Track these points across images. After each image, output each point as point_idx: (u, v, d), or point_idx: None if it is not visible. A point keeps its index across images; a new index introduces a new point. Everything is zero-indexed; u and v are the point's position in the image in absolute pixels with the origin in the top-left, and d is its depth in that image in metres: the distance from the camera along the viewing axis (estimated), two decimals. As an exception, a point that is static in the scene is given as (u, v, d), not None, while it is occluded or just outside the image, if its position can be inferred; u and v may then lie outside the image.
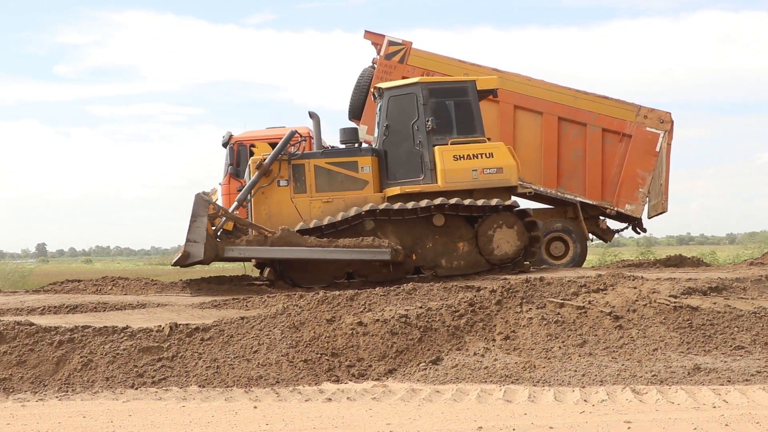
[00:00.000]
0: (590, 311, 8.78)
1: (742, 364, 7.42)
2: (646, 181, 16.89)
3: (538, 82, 17.32)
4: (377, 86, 14.82)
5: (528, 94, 17.07)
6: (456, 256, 13.83)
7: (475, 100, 14.55)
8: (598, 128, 16.92)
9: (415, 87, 14.31)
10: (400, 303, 9.65)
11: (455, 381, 7.47)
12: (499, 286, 9.58)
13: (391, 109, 14.40)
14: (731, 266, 13.82)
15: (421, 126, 14.16)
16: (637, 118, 16.99)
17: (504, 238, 13.82)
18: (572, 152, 17.10)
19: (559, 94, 17.21)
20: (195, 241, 12.62)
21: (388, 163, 14.29)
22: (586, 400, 6.48)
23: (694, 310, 8.64)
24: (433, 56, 17.31)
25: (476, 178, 14.00)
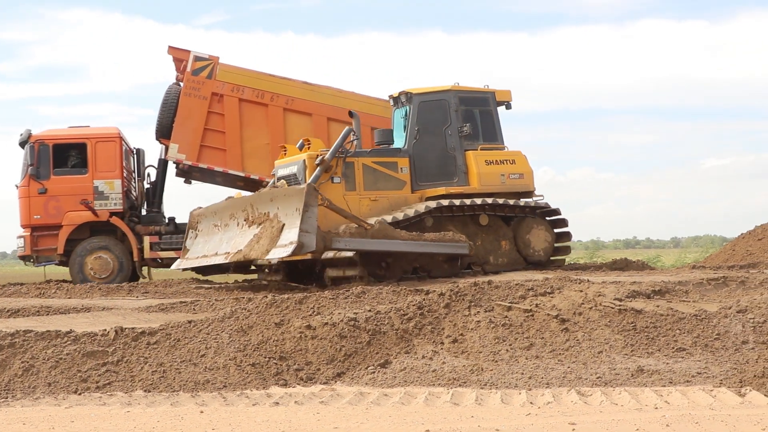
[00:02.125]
0: (537, 314, 8.88)
1: (683, 366, 7.57)
2: None
3: (349, 93, 17.86)
4: (405, 91, 15.28)
5: (340, 106, 17.46)
6: (500, 253, 14.85)
7: (495, 110, 15.54)
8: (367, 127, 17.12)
9: (447, 93, 15.16)
10: (349, 306, 9.65)
11: (403, 384, 7.49)
12: (447, 289, 9.64)
13: (422, 113, 15.08)
14: (675, 270, 14.09)
15: (454, 131, 15.04)
16: None
17: (539, 238, 15.07)
18: None
19: (371, 105, 17.75)
20: (308, 232, 12.40)
21: (420, 165, 14.97)
22: (532, 402, 6.55)
23: (638, 312, 8.79)
24: (241, 71, 17.64)
25: (504, 183, 15.15)
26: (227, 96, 17.46)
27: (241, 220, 13.92)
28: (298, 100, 17.76)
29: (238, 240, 13.65)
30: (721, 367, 7.55)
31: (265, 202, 13.38)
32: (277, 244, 12.58)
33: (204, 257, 14.51)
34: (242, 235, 13.66)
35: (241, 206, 14.05)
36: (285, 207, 12.88)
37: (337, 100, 17.81)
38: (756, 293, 9.70)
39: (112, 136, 17.26)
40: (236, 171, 17.65)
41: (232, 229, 14.08)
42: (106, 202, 16.94)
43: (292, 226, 12.55)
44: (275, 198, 13.22)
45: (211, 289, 14.47)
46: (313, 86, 17.93)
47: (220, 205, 14.75)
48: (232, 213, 14.20)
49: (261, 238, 12.95)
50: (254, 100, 17.62)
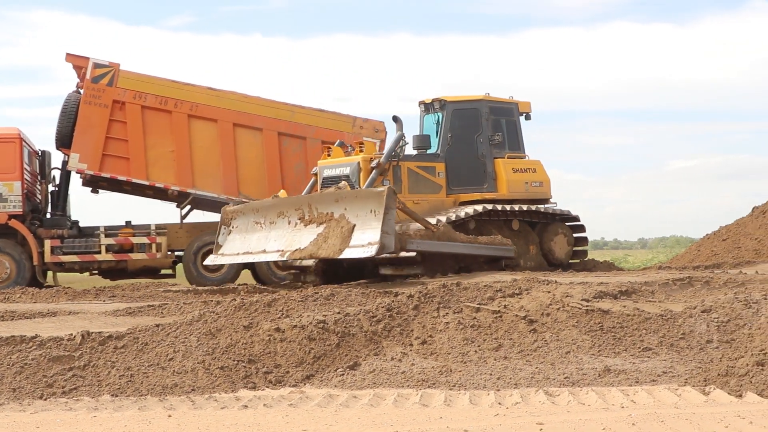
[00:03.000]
0: (505, 315, 8.93)
1: (649, 365, 7.66)
2: None
3: (255, 98, 17.69)
4: (438, 98, 15.81)
5: (246, 112, 17.42)
6: (529, 257, 15.61)
7: (518, 120, 16.31)
8: (318, 141, 17.45)
9: (480, 103, 15.87)
10: (318, 309, 9.64)
11: (372, 386, 7.50)
12: (416, 291, 9.67)
13: (455, 120, 15.70)
14: (641, 270, 14.25)
15: (485, 139, 15.73)
16: (353, 129, 17.56)
17: (561, 242, 16.00)
18: (295, 166, 17.56)
19: (277, 109, 17.67)
20: (388, 233, 12.79)
21: (453, 171, 15.57)
22: (500, 402, 6.59)
23: (605, 313, 8.87)
24: (143, 77, 17.44)
25: (527, 190, 15.99)
26: (129, 103, 17.10)
27: (295, 219, 14.18)
28: (202, 106, 17.46)
29: (293, 238, 13.92)
30: (686, 366, 7.65)
31: (329, 203, 13.65)
32: (350, 244, 12.92)
33: (248, 254, 14.83)
34: (297, 233, 13.93)
35: (294, 205, 14.36)
36: (355, 208, 13.20)
37: (243, 105, 17.60)
38: (720, 293, 9.84)
39: (11, 137, 16.76)
40: (140, 180, 17.30)
41: (281, 227, 14.34)
42: (4, 204, 16.54)
43: (366, 228, 12.90)
44: (341, 199, 13.50)
45: (179, 292, 14.39)
46: (218, 92, 17.67)
47: (264, 202, 15.13)
48: (282, 211, 14.46)
49: (328, 237, 13.23)
50: (157, 107, 17.28)
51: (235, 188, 17.53)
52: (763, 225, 17.37)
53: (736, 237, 17.35)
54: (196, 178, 17.46)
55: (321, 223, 13.63)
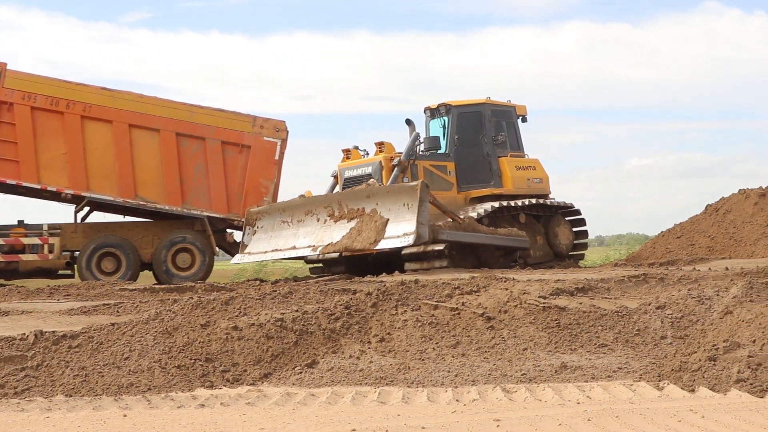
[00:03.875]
0: (463, 313, 8.97)
1: (605, 361, 7.75)
2: (270, 189, 17.33)
3: (151, 99, 17.47)
4: (444, 103, 17.02)
5: (143, 112, 17.17)
6: (537, 247, 16.78)
7: (517, 122, 17.61)
8: (217, 141, 17.26)
9: (483, 106, 17.12)
10: (276, 307, 9.60)
11: (330, 384, 7.49)
12: (374, 288, 9.67)
13: (460, 122, 16.91)
14: (598, 267, 14.39)
15: (489, 139, 16.95)
16: (254, 129, 17.50)
17: (564, 234, 17.38)
18: (194, 167, 17.39)
19: (174, 110, 17.47)
20: (423, 224, 13.69)
21: (461, 169, 16.70)
22: (458, 399, 6.62)
23: (561, 310, 8.95)
24: (33, 77, 17.11)
25: (529, 186, 17.21)
26: (18, 104, 16.64)
27: (324, 216, 15.15)
28: (96, 107, 17.12)
29: (324, 234, 14.89)
30: (640, 361, 7.75)
31: (360, 199, 14.63)
32: (386, 236, 13.90)
33: (276, 251, 15.75)
34: (328, 229, 14.89)
35: (322, 203, 15.33)
36: (388, 203, 14.17)
37: (139, 105, 17.30)
38: (674, 290, 9.97)
39: None
40: (32, 183, 16.84)
41: (310, 225, 15.30)
42: None
43: (400, 220, 13.88)
44: (373, 195, 14.47)
45: (135, 291, 14.23)
46: (112, 92, 17.35)
47: (291, 202, 16.05)
48: (310, 210, 15.46)
49: (362, 230, 14.20)
50: (48, 109, 16.83)
51: (132, 191, 17.21)
52: (716, 222, 17.64)
53: (690, 234, 17.60)
54: (90, 180, 17.07)
55: (352, 218, 14.58)
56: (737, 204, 17.85)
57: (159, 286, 15.65)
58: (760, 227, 16.94)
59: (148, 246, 17.46)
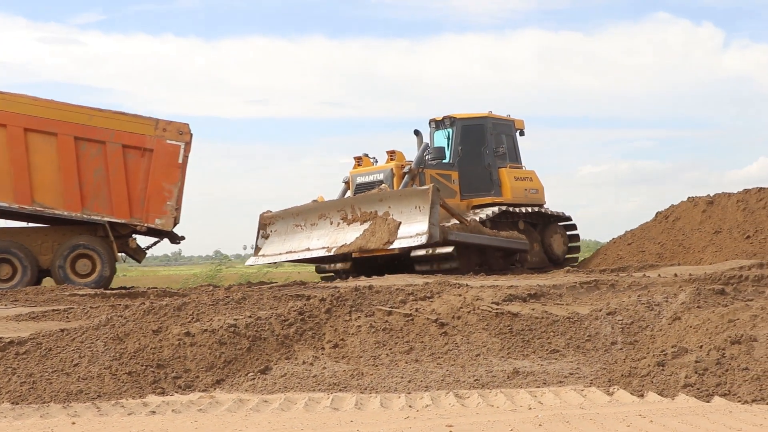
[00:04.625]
0: (417, 318, 9.00)
1: (556, 367, 7.83)
2: (173, 193, 17.01)
3: (48, 102, 17.02)
4: (448, 116, 18.16)
5: (39, 116, 16.69)
6: (534, 252, 18.00)
7: (515, 136, 19.01)
8: (118, 145, 16.88)
9: (485, 119, 18.43)
10: (229, 312, 9.54)
11: (283, 390, 7.47)
12: (328, 294, 9.67)
13: (464, 135, 18.15)
14: (550, 274, 14.55)
15: (491, 151, 18.28)
16: (156, 132, 17.17)
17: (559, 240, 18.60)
18: (94, 172, 16.99)
19: (73, 113, 17.01)
20: (434, 225, 14.80)
21: (464, 178, 18.01)
22: (411, 405, 6.64)
23: (514, 316, 9.03)
24: None
25: (526, 195, 18.58)
26: None
27: (337, 219, 16.17)
28: None
29: (338, 236, 15.90)
30: (591, 367, 7.85)
31: (372, 203, 15.73)
32: (398, 236, 14.94)
33: (290, 252, 16.81)
34: (341, 231, 15.90)
35: (335, 207, 16.44)
36: (400, 206, 15.22)
37: (34, 109, 16.69)
38: (624, 296, 10.12)
39: None
40: None
41: (323, 227, 16.30)
42: None
43: (412, 222, 14.93)
44: (386, 198, 15.56)
45: (86, 296, 14.04)
46: (5, 95, 16.66)
47: (303, 207, 17.04)
48: (323, 213, 16.53)
49: (375, 232, 15.20)
50: None
51: (28, 196, 16.69)
52: (665, 230, 17.97)
53: (641, 241, 17.91)
54: None
55: (365, 221, 15.58)
56: (686, 212, 18.21)
57: (110, 291, 15.45)
58: (707, 234, 17.29)
59: (47, 252, 16.92)
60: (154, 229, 16.93)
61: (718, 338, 7.13)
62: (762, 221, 17.03)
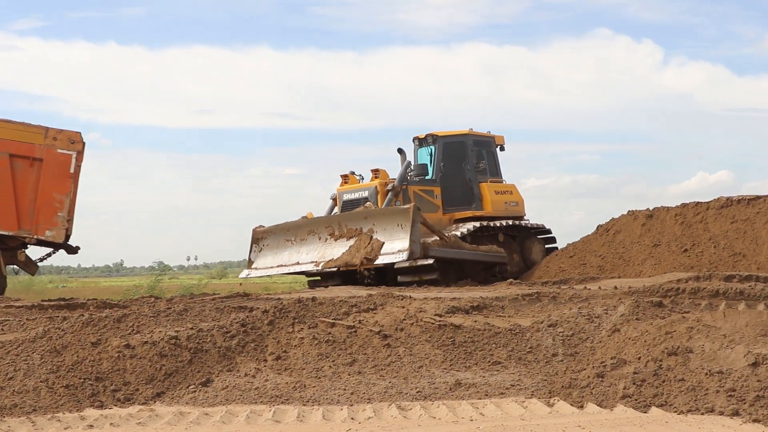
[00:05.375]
0: (360, 330, 9.01)
1: (498, 379, 7.90)
2: (64, 204, 16.39)
3: None
4: (431, 133, 19.05)
5: None
6: (513, 263, 18.63)
7: (496, 151, 19.81)
8: (5, 154, 16.15)
9: (465, 137, 19.17)
10: (170, 324, 9.43)
11: (225, 403, 7.40)
12: (271, 306, 9.62)
13: (445, 152, 18.83)
14: (492, 286, 14.66)
15: (471, 166, 18.94)
16: (46, 140, 16.35)
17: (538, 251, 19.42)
18: None
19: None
20: (415, 242, 15.44)
21: (446, 193, 18.64)
22: (353, 417, 6.63)
23: (457, 328, 9.09)
24: None
25: (507, 209, 19.21)
26: None
27: (325, 235, 16.86)
28: None
29: (325, 251, 16.61)
30: (532, 379, 7.93)
31: (358, 220, 16.39)
32: (381, 252, 15.61)
33: (281, 266, 17.49)
34: (329, 247, 16.62)
35: (323, 223, 17.10)
36: (383, 223, 15.92)
37: None
38: (566, 308, 10.25)
39: None
40: None
41: (312, 243, 17.03)
42: None
43: (394, 239, 15.62)
44: (370, 216, 16.27)
45: (23, 308, 13.73)
46: None
47: (294, 223, 17.73)
48: (312, 229, 17.21)
49: (360, 248, 15.87)
50: None
51: None
52: (606, 242, 18.22)
53: (582, 254, 18.12)
54: None
55: (351, 237, 16.30)
56: (626, 225, 18.49)
57: (48, 302, 15.12)
58: (647, 247, 17.59)
59: None
60: (44, 241, 16.40)
61: (656, 350, 7.27)
62: (699, 235, 17.39)
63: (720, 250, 16.73)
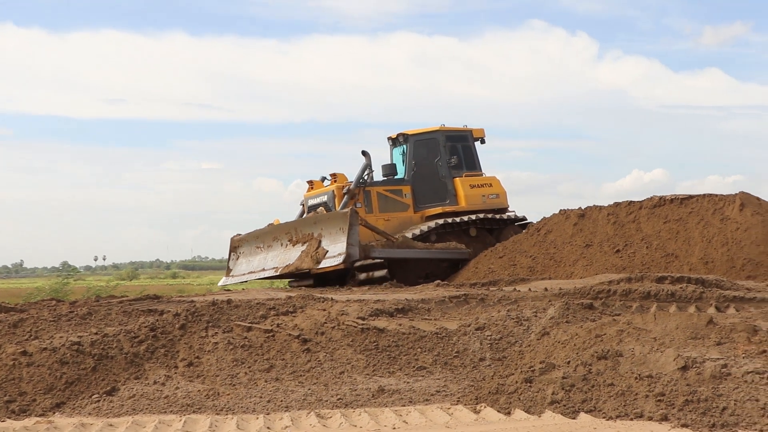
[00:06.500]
0: (278, 335, 8.94)
1: (423, 384, 7.92)
2: None
3: None
4: (401, 133, 20.25)
5: None
6: None
7: (473, 144, 20.68)
8: None
9: (437, 133, 20.16)
10: (72, 329, 9.21)
11: (132, 413, 7.26)
12: (183, 309, 9.48)
13: (417, 150, 19.98)
14: (419, 287, 14.71)
15: (444, 163, 19.91)
16: None
17: None
18: None
19: None
20: (353, 245, 16.37)
21: (419, 191, 19.70)
22: (269, 427, 6.57)
23: (380, 331, 9.09)
24: None
25: (485, 201, 20.12)
26: None
27: (285, 241, 17.98)
28: None
29: (285, 256, 17.71)
30: (459, 384, 7.98)
31: (309, 225, 17.56)
32: (326, 256, 16.60)
33: (251, 273, 18.65)
34: (288, 252, 17.72)
35: (284, 230, 18.21)
36: (328, 227, 16.98)
37: None
38: (494, 310, 10.35)
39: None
40: None
41: (277, 249, 18.17)
42: None
43: (337, 242, 16.64)
44: (319, 221, 17.38)
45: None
46: None
47: (262, 230, 18.89)
48: (275, 236, 18.31)
49: (309, 252, 16.92)
50: None
51: None
52: (537, 243, 18.45)
53: (512, 254, 18.30)
54: None
55: (305, 242, 17.37)
56: (558, 224, 18.75)
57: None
58: (578, 248, 17.87)
59: None
60: None
61: (586, 354, 7.38)
62: (631, 235, 17.74)
63: (652, 251, 17.11)
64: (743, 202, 17.20)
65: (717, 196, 17.74)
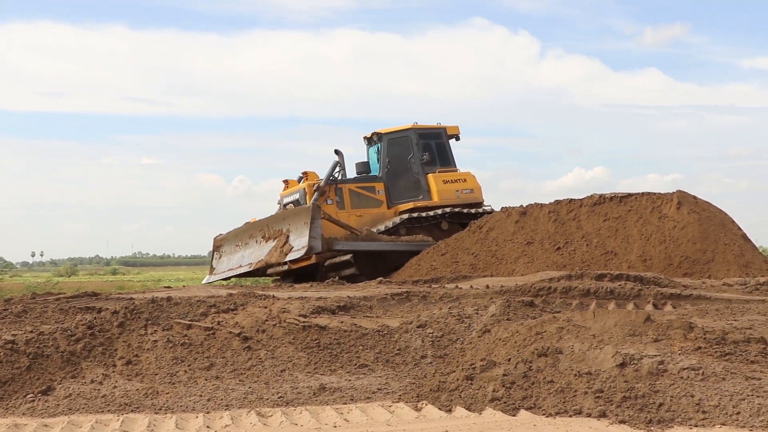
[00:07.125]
0: (219, 332, 8.87)
1: (364, 382, 7.93)
2: None
3: None
4: (375, 132, 21.08)
5: None
6: None
7: (447, 141, 21.48)
8: None
9: (409, 131, 21.02)
10: (6, 327, 9.03)
11: (67, 412, 7.14)
12: (122, 307, 9.35)
13: (390, 148, 20.84)
14: (361, 285, 14.72)
15: (417, 160, 20.81)
16: None
17: None
18: None
19: None
20: (315, 237, 17.18)
21: (392, 188, 20.64)
22: (208, 426, 6.52)
23: (322, 329, 9.07)
24: None
25: (458, 196, 20.90)
26: None
27: (259, 238, 18.95)
28: None
29: (258, 253, 18.61)
30: (400, 382, 8.00)
31: (279, 221, 18.50)
32: (292, 250, 17.41)
33: (230, 270, 19.56)
34: (261, 248, 18.62)
35: (258, 227, 19.13)
36: (294, 222, 17.87)
37: None
38: (436, 308, 10.40)
39: None
40: None
41: (252, 246, 19.11)
42: None
43: (301, 236, 17.47)
44: (286, 217, 18.34)
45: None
46: None
47: (240, 229, 19.90)
48: (251, 233, 19.32)
49: (278, 248, 17.83)
50: None
51: None
52: (479, 240, 18.60)
53: (455, 252, 18.42)
54: None
55: (275, 238, 18.25)
56: (500, 222, 18.93)
57: None
58: (520, 245, 18.06)
59: None
60: None
61: (526, 351, 7.45)
62: (572, 233, 17.98)
63: (592, 249, 17.37)
64: (680, 201, 17.56)
65: (655, 195, 18.07)
